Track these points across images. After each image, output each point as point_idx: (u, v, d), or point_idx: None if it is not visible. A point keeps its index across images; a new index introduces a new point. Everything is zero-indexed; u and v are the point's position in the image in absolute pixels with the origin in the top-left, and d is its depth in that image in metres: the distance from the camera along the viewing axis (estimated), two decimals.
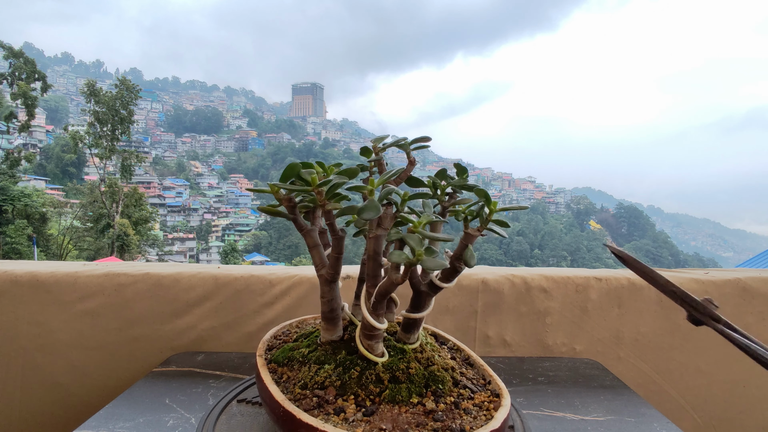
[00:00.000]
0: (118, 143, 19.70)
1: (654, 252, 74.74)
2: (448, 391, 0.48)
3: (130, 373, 0.91)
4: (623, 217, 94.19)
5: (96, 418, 0.63)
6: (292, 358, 0.53)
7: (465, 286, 0.94)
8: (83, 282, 0.91)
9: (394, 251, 0.42)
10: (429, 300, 0.50)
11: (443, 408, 0.45)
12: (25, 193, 17.29)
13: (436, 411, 0.44)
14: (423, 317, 0.50)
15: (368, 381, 0.46)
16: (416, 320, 0.51)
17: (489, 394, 0.49)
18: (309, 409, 0.45)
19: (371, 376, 0.47)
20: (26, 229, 16.46)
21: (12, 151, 18.20)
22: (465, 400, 0.47)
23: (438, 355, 0.53)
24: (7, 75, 17.13)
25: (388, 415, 0.43)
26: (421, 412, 0.44)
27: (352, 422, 0.43)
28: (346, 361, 0.48)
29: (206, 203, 66.43)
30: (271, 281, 0.93)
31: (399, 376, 0.47)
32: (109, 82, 47.29)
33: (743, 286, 0.94)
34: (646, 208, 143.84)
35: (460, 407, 0.46)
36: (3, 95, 18.52)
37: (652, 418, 0.64)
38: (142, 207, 20.63)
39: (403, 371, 0.47)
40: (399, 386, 0.46)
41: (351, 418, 0.43)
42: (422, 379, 0.47)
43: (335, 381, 0.47)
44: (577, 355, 0.95)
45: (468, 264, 0.46)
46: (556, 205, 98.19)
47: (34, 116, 17.84)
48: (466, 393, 0.48)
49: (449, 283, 0.48)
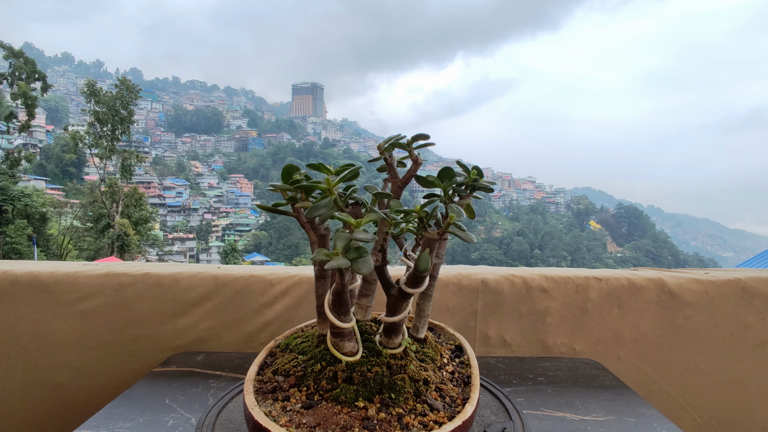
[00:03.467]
0: (118, 143, 19.70)
1: (654, 252, 74.72)
2: (402, 401, 0.46)
3: (130, 373, 0.91)
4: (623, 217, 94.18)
5: (96, 418, 0.63)
6: (289, 344, 0.55)
7: (465, 286, 0.94)
8: (83, 282, 0.91)
9: (318, 249, 0.40)
10: (401, 305, 0.48)
11: (383, 417, 0.44)
12: (25, 193, 17.28)
13: (373, 419, 0.43)
14: (400, 321, 0.49)
15: (324, 377, 0.47)
16: (394, 325, 0.49)
17: (447, 415, 0.45)
18: (265, 392, 0.47)
19: (329, 373, 0.47)
20: (26, 229, 16.46)
21: (12, 151, 18.19)
22: (414, 415, 0.45)
23: (431, 362, 0.52)
24: (7, 75, 17.13)
25: (323, 413, 0.44)
26: (359, 416, 0.43)
27: (288, 411, 0.44)
28: (320, 355, 0.49)
29: (206, 203, 66.42)
30: (271, 281, 0.93)
31: (354, 377, 0.47)
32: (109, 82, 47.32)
33: (743, 286, 0.94)
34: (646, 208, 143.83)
35: (402, 421, 0.43)
36: (3, 95, 18.51)
37: (652, 418, 0.64)
38: (142, 207, 20.62)
39: (362, 374, 0.47)
40: (349, 387, 0.46)
41: (289, 408, 0.45)
42: (377, 385, 0.46)
43: (299, 371, 0.48)
44: (577, 355, 0.95)
45: (418, 268, 0.44)
46: (556, 205, 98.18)
47: (34, 116, 17.84)
48: (420, 408, 0.45)
49: (415, 288, 0.46)
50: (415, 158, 0.53)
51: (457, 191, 0.48)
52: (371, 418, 0.43)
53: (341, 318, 0.46)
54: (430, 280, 0.53)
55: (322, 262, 0.39)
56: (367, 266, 0.38)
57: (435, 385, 0.49)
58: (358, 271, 0.37)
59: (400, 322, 0.49)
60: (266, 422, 0.41)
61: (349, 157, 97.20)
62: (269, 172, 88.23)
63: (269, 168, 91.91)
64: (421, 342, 0.54)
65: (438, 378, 0.50)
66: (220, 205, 68.03)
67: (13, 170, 17.49)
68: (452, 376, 0.52)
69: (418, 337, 0.54)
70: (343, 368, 0.47)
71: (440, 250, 0.52)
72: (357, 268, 0.38)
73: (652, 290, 0.94)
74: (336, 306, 0.45)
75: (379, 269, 0.50)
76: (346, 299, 0.45)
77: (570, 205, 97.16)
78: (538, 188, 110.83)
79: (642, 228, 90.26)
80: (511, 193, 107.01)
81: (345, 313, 0.46)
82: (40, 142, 52.20)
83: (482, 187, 0.49)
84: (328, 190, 0.43)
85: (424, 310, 0.54)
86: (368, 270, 0.38)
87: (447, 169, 0.48)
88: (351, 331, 0.48)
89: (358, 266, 0.38)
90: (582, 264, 63.18)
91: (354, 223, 0.40)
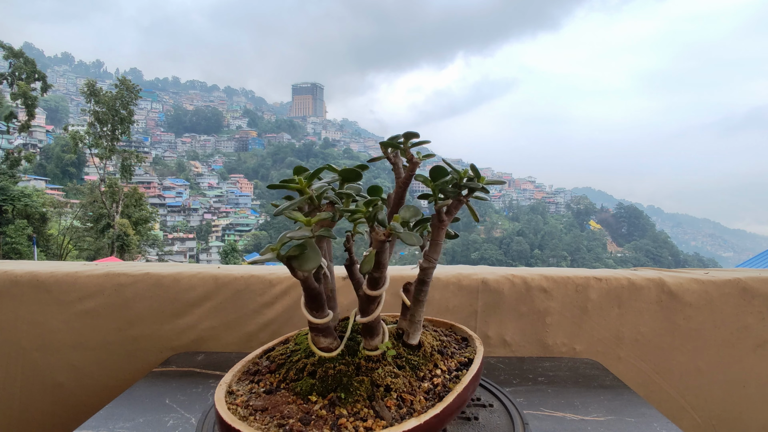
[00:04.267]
0: (118, 143, 19.70)
1: (654, 252, 74.71)
2: (350, 403, 0.45)
3: (130, 373, 0.91)
4: (623, 217, 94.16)
5: (96, 418, 0.63)
6: (295, 336, 0.58)
7: (465, 286, 0.94)
8: (83, 282, 0.91)
9: (267, 246, 0.40)
10: (369, 306, 0.48)
11: (322, 414, 0.44)
12: (25, 193, 17.27)
13: (312, 414, 0.43)
14: (371, 322, 0.48)
15: (295, 368, 0.49)
16: (369, 326, 0.49)
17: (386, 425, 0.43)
18: (250, 372, 0.51)
19: (301, 365, 0.49)
20: (26, 229, 16.45)
21: (12, 151, 18.18)
22: (353, 419, 0.44)
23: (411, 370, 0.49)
24: (7, 75, 17.12)
25: (276, 400, 0.45)
26: (302, 410, 0.44)
27: (252, 392, 0.47)
28: (307, 349, 0.51)
29: (206, 203, 66.39)
30: (271, 281, 0.93)
31: (318, 372, 0.48)
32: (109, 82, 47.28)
33: (743, 286, 0.94)
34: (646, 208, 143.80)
35: (338, 422, 0.43)
36: (3, 95, 18.51)
37: (652, 418, 0.64)
38: (142, 207, 20.62)
39: (326, 370, 0.47)
40: (308, 381, 0.47)
41: (254, 390, 0.48)
42: (335, 383, 0.46)
43: (281, 360, 0.51)
44: (577, 355, 0.95)
45: (361, 270, 0.44)
46: (556, 205, 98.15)
47: (34, 116, 17.84)
48: (365, 413, 0.44)
49: (374, 290, 0.46)
50: (410, 157, 0.52)
51: (444, 191, 0.46)
52: (311, 413, 0.44)
53: (314, 314, 0.46)
54: (422, 286, 0.51)
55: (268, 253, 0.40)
56: (307, 263, 0.37)
57: (399, 393, 0.46)
58: (297, 267, 0.37)
59: (373, 323, 0.48)
60: (219, 399, 0.45)
61: (349, 157, 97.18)
62: (269, 172, 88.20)
63: (269, 168, 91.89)
64: (412, 348, 0.52)
65: (407, 387, 0.47)
66: (220, 205, 68.01)
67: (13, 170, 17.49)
68: (434, 389, 0.49)
69: (409, 343, 0.52)
70: (313, 362, 0.48)
71: (432, 255, 0.50)
72: (297, 265, 0.37)
73: (652, 290, 0.94)
74: (309, 302, 0.46)
75: (348, 268, 0.50)
76: (317, 296, 0.45)
77: (570, 205, 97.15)
78: (538, 188, 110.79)
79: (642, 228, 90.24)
80: (511, 193, 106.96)
81: (318, 309, 0.46)
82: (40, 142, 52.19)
83: (477, 188, 0.47)
84: (301, 190, 0.44)
85: (415, 315, 0.51)
86: (309, 267, 0.37)
87: (437, 168, 0.47)
88: (328, 328, 0.48)
89: (298, 263, 0.37)
90: (582, 264, 63.16)
91: (304, 221, 0.40)
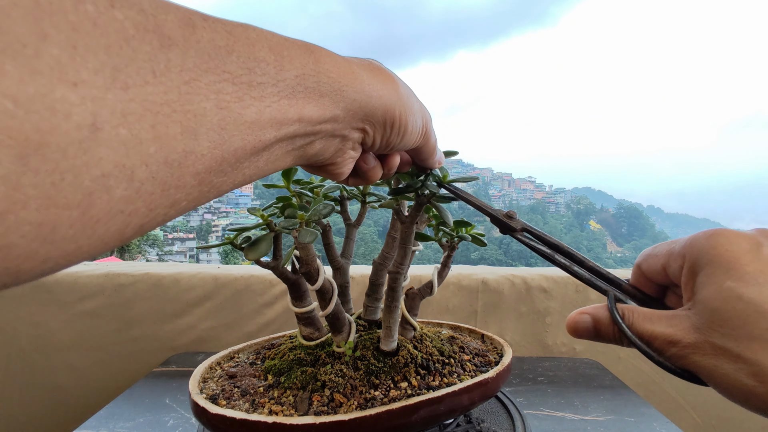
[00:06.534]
0: None
1: None
2: (284, 388, 0.49)
3: (130, 373, 0.91)
4: (623, 217, 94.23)
5: (96, 418, 0.63)
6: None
7: (465, 286, 0.94)
8: (83, 282, 0.91)
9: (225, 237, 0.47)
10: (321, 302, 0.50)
11: (258, 391, 0.48)
12: None
13: (251, 388, 0.48)
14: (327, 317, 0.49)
15: (277, 351, 0.54)
16: (330, 321, 0.49)
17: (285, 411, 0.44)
18: (249, 352, 0.58)
19: (283, 349, 0.54)
20: None
21: None
22: (274, 403, 0.46)
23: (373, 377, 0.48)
24: None
25: (245, 372, 0.51)
26: (253, 384, 0.48)
27: (235, 366, 0.54)
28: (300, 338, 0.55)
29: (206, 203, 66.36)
30: (272, 281, 0.93)
31: (288, 355, 0.52)
32: None
33: None
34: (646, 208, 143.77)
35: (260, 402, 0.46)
36: None
37: (652, 418, 0.64)
38: None
39: (291, 355, 0.51)
40: (272, 361, 0.52)
41: (238, 364, 0.54)
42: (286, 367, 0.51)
43: (280, 346, 0.56)
44: (577, 355, 0.95)
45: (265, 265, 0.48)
46: (556, 205, 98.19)
47: None
48: (286, 400, 0.46)
49: (313, 285, 0.48)
50: None
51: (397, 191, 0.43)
52: (252, 387, 0.48)
53: (295, 303, 0.51)
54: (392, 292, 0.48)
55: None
56: (252, 252, 0.43)
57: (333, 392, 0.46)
58: (246, 256, 0.43)
59: (331, 319, 0.49)
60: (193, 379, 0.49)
61: None
62: None
63: None
64: (385, 354, 0.49)
65: (347, 389, 0.46)
66: (220, 205, 68.02)
67: None
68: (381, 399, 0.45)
69: (384, 350, 0.49)
70: (289, 347, 0.53)
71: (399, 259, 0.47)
72: (245, 253, 0.43)
73: None
74: (290, 292, 0.51)
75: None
76: (294, 286, 0.50)
77: (570, 205, 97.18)
78: (538, 188, 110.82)
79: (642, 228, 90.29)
80: (511, 193, 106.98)
81: (298, 299, 0.51)
82: None
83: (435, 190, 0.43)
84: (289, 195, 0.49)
85: (387, 321, 0.49)
86: (252, 256, 0.43)
87: None
88: (310, 317, 0.52)
89: (246, 253, 0.43)
90: None
91: (264, 219, 0.45)
